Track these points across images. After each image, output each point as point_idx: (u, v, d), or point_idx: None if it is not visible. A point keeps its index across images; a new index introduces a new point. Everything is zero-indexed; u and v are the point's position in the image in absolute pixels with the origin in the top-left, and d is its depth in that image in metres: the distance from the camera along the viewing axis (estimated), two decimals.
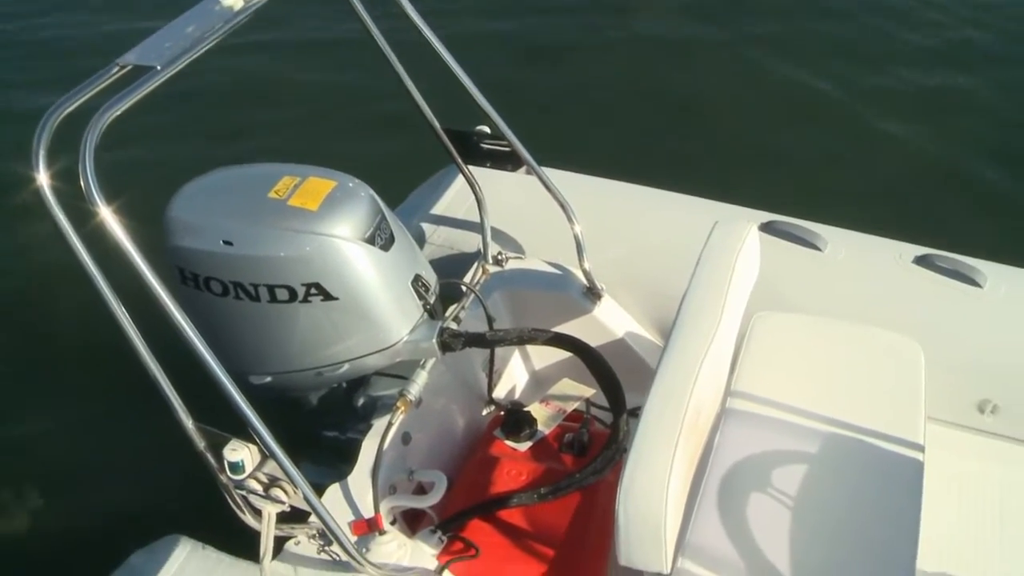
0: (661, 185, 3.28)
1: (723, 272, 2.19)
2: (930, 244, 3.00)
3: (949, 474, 2.73)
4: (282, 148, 5.24)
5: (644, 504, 1.75)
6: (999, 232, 4.59)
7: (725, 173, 4.92)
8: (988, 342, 2.77)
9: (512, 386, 3.06)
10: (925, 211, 4.81)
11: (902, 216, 4.69)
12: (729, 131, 5.42)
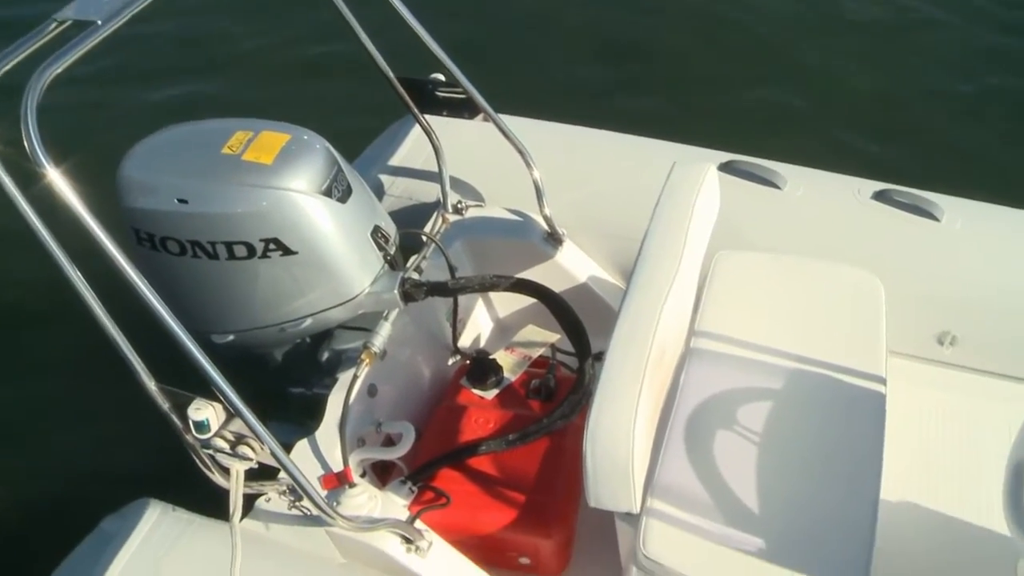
0: (620, 129, 3.26)
1: (683, 213, 2.19)
2: (888, 179, 3.02)
3: (910, 406, 2.78)
4: (234, 104, 5.13)
5: (611, 445, 1.77)
6: (956, 166, 4.64)
7: (684, 115, 4.90)
8: (946, 275, 2.80)
9: (477, 334, 3.06)
10: (883, 147, 4.83)
11: (860, 152, 4.73)
12: (686, 73, 5.38)
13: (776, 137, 4.63)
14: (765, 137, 4.14)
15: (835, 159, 3.23)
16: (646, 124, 3.36)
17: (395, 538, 2.11)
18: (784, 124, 4.97)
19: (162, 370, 1.88)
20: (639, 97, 5.15)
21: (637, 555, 1.99)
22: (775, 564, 1.96)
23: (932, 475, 2.72)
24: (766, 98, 5.21)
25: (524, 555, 2.42)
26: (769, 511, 2.05)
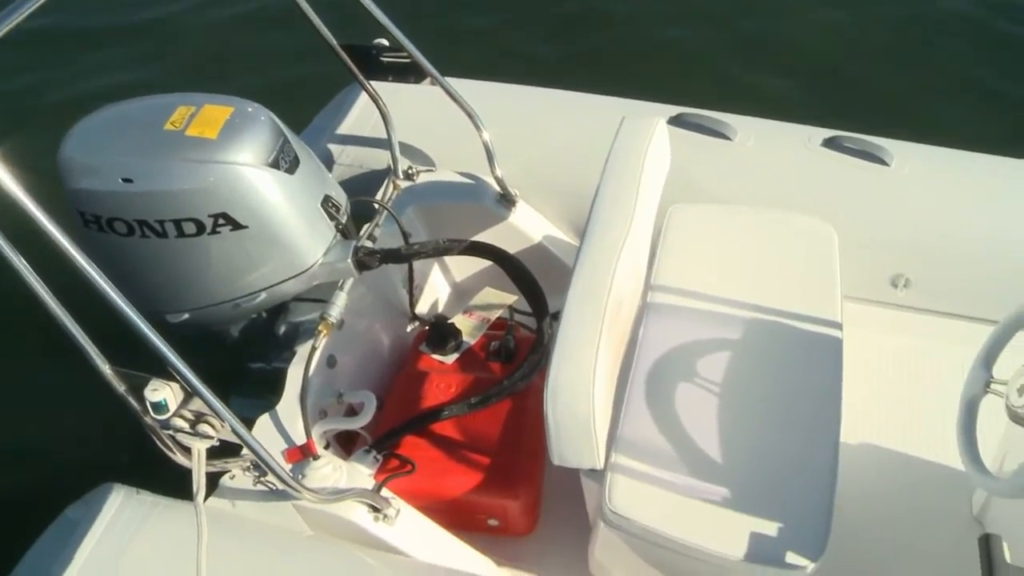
0: (568, 87, 3.25)
1: (633, 167, 2.19)
2: (838, 126, 3.04)
3: (867, 349, 2.82)
4: (174, 79, 5.05)
5: (571, 403, 1.77)
6: (905, 110, 4.68)
7: (633, 70, 4.89)
8: (898, 218, 2.84)
9: (434, 300, 3.06)
10: (832, 94, 4.86)
11: (809, 101, 4.75)
12: (634, 29, 5.37)
13: (726, 89, 4.65)
14: (715, 90, 4.16)
15: (785, 109, 3.24)
16: (596, 81, 3.35)
17: (362, 507, 2.11)
18: (734, 77, 4.98)
19: (117, 353, 1.85)
20: (588, 54, 5.13)
21: (604, 510, 2.01)
22: (740, 512, 1.99)
23: (889, 416, 2.77)
24: (716, 52, 5.21)
25: (492, 517, 2.43)
26: (732, 460, 2.08)
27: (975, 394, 2.05)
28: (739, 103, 3.21)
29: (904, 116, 4.46)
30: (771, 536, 1.95)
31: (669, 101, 3.10)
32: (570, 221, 2.93)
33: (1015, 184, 2.92)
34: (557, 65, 4.87)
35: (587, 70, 4.75)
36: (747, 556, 1.92)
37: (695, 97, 3.20)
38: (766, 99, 4.49)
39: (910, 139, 3.04)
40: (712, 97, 3.28)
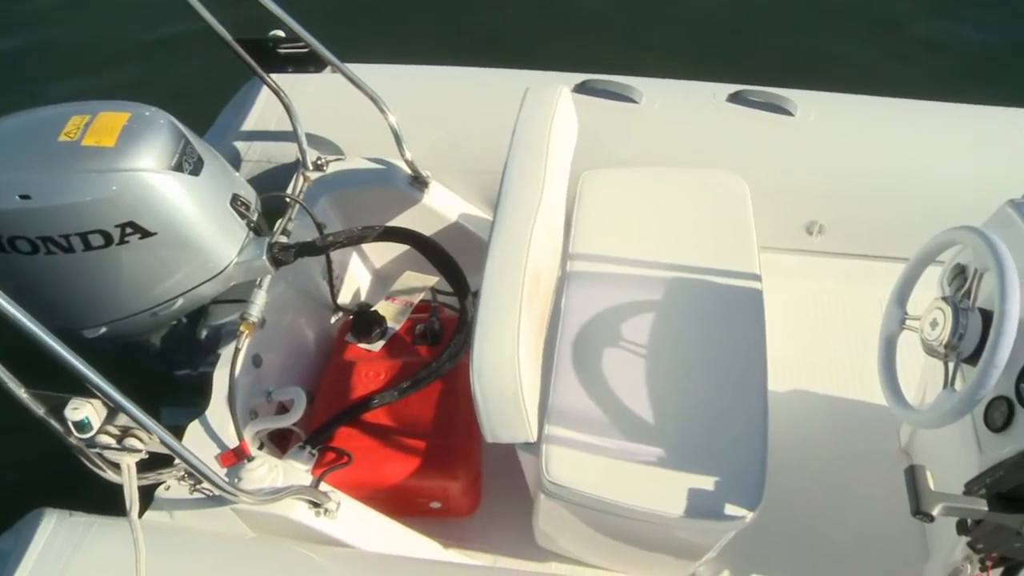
0: (472, 63, 3.24)
1: (540, 137, 2.19)
2: (743, 81, 3.07)
3: (787, 297, 2.88)
4: (65, 88, 4.87)
5: (497, 379, 1.77)
6: (808, 59, 4.74)
7: (535, 41, 4.88)
8: (807, 167, 2.89)
9: (356, 289, 3.04)
10: (734, 49, 4.91)
11: (713, 57, 4.79)
12: None
13: (631, 53, 4.66)
14: (620, 55, 4.18)
15: (690, 68, 3.26)
16: (499, 55, 3.34)
17: (302, 504, 2.10)
18: (637, 40, 4.99)
19: (34, 375, 1.80)
20: (489, 29, 5.09)
21: (542, 482, 2.02)
22: (676, 470, 2.02)
23: (814, 361, 2.84)
24: (617, 16, 5.21)
25: (434, 500, 2.44)
26: (665, 419, 2.10)
27: (892, 331, 2.10)
28: (645, 66, 3.23)
29: (807, 66, 4.51)
30: (709, 491, 1.98)
31: (574, 69, 3.11)
32: (485, 197, 2.93)
33: (918, 125, 2.99)
34: (459, 42, 4.83)
35: (490, 45, 4.73)
36: (686, 512, 1.95)
37: (601, 63, 3.21)
38: (671, 59, 4.50)
39: (814, 88, 3.09)
40: (618, 62, 3.29)
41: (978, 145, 2.93)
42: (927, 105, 3.07)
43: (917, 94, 3.11)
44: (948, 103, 3.09)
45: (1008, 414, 1.84)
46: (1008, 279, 1.72)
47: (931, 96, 3.10)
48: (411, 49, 3.44)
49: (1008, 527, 1.82)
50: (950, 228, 1.97)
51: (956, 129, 2.98)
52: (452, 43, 4.67)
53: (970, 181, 2.82)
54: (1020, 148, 2.51)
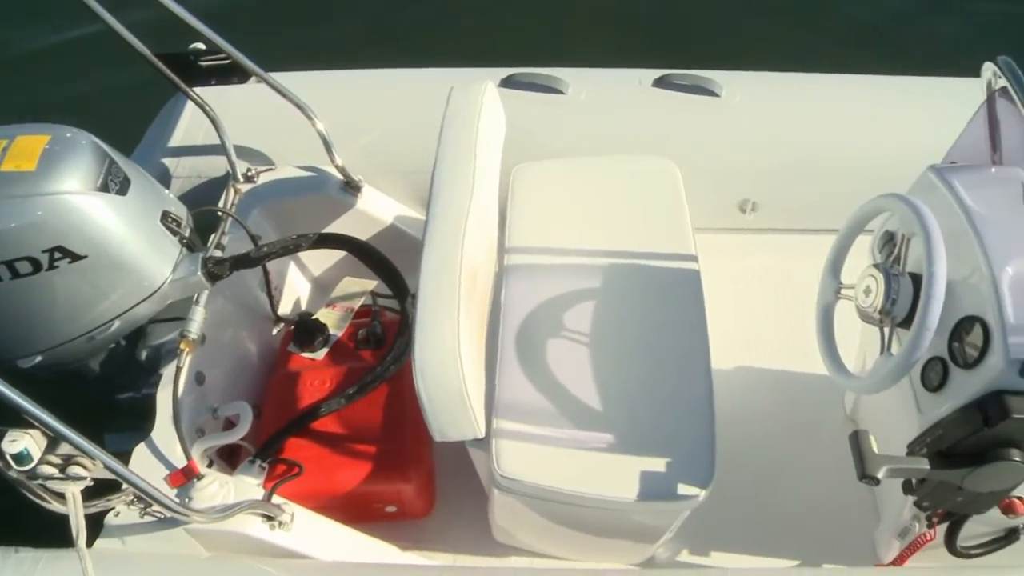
0: (398, 64, 3.22)
1: (467, 135, 2.19)
2: (666, 65, 3.10)
3: (724, 275, 2.91)
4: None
5: (440, 377, 1.78)
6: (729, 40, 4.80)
7: (460, 39, 4.86)
8: (736, 146, 2.93)
9: (296, 298, 3.01)
10: (657, 35, 4.94)
11: (637, 44, 4.82)
12: None
13: (555, 45, 4.67)
14: (545, 47, 4.18)
15: (614, 56, 3.28)
16: (425, 56, 3.32)
17: (255, 519, 2.08)
18: (561, 31, 5.01)
19: None
20: (413, 29, 5.08)
21: (494, 477, 2.03)
22: (626, 454, 2.03)
23: (755, 336, 2.88)
24: (542, 9, 5.22)
25: (389, 504, 2.43)
26: (611, 405, 2.12)
27: (828, 302, 2.14)
28: (570, 56, 3.24)
29: (731, 46, 4.58)
30: (660, 472, 2.00)
31: (499, 64, 3.11)
32: (418, 198, 2.93)
33: (841, 98, 3.05)
34: (384, 45, 4.82)
35: (415, 45, 4.72)
36: (640, 495, 1.97)
37: (527, 57, 3.21)
38: (596, 49, 4.54)
39: (739, 68, 3.13)
40: (543, 54, 3.29)
41: (900, 114, 2.99)
42: (850, 78, 3.12)
43: (840, 69, 3.17)
44: (870, 76, 3.15)
45: (943, 374, 1.89)
46: (934, 242, 1.76)
47: (853, 69, 3.16)
48: (336, 54, 3.41)
49: (950, 483, 1.87)
50: (876, 197, 2.01)
51: (878, 100, 3.05)
52: (377, 46, 4.66)
53: (894, 150, 2.87)
54: (939, 115, 2.55)
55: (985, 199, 1.96)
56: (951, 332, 1.88)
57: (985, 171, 2.07)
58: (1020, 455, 1.77)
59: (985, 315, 1.80)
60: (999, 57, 1.96)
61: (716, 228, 3.03)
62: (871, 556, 2.46)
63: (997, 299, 1.78)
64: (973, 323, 1.83)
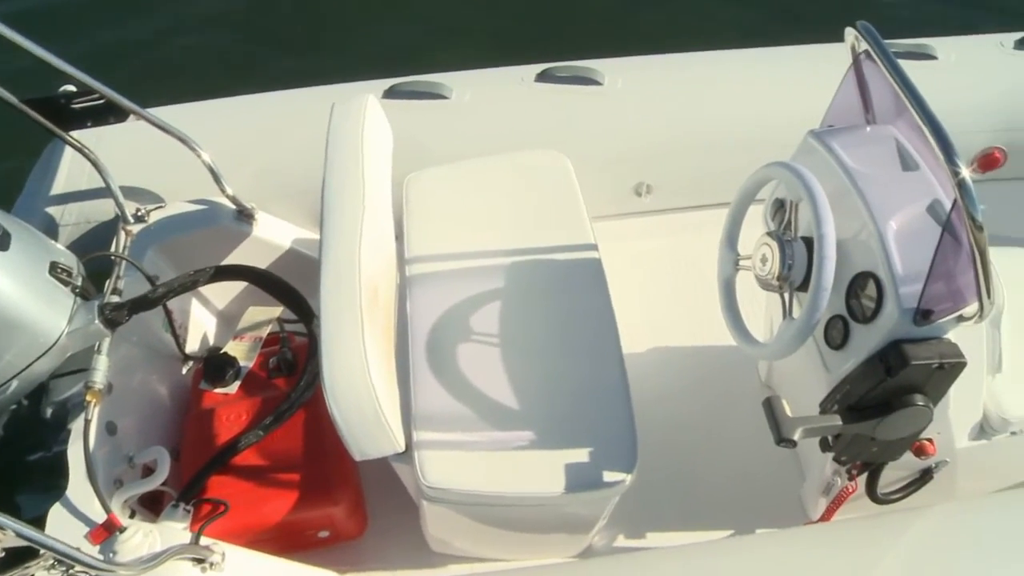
0: (279, 87, 3.19)
1: (353, 150, 2.17)
2: (547, 59, 3.12)
3: (626, 261, 2.95)
4: None
5: (352, 396, 1.76)
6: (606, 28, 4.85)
7: (338, 56, 4.84)
8: (623, 132, 2.97)
9: (202, 334, 2.95)
10: (535, 29, 4.98)
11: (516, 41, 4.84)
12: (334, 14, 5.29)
13: (436, 52, 4.67)
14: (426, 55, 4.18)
15: (494, 55, 3.28)
16: (305, 73, 3.29)
17: (185, 563, 2.03)
18: (440, 38, 5.01)
19: None
20: (291, 52, 5.02)
21: (422, 488, 2.02)
22: (549, 449, 2.04)
23: (663, 315, 2.92)
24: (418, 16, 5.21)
25: (321, 529, 2.41)
26: (529, 402, 2.13)
27: (728, 274, 2.18)
28: (450, 61, 3.24)
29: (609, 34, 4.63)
30: (584, 462, 2.02)
31: (381, 75, 3.10)
32: (315, 219, 2.85)
33: (722, 73, 3.11)
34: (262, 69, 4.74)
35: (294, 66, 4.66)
36: (567, 488, 1.98)
37: (408, 66, 3.20)
38: (475, 50, 4.55)
39: (619, 55, 3.17)
40: (424, 62, 3.29)
41: (779, 84, 3.07)
42: (726, 54, 3.19)
43: (716, 45, 3.23)
44: (745, 49, 3.22)
45: (844, 331, 1.94)
46: (819, 205, 1.81)
47: (728, 45, 3.22)
48: (214, 83, 3.36)
49: (863, 435, 1.92)
50: (761, 167, 2.05)
51: (756, 72, 3.12)
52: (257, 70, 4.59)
53: (777, 118, 2.94)
54: (815, 81, 2.61)
55: (864, 158, 2.02)
56: (847, 289, 1.94)
57: (861, 131, 2.13)
58: (923, 399, 1.84)
59: (876, 270, 1.86)
60: (858, 22, 2.02)
61: (614, 214, 3.07)
62: (801, 516, 2.52)
63: (885, 253, 1.84)
64: (866, 279, 1.89)
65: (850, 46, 2.09)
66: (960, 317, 1.83)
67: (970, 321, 1.83)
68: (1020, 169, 3.09)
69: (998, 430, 2.17)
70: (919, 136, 1.78)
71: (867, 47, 1.98)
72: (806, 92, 2.75)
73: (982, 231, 1.64)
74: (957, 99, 3.02)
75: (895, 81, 1.84)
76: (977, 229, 1.64)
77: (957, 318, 1.83)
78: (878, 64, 1.91)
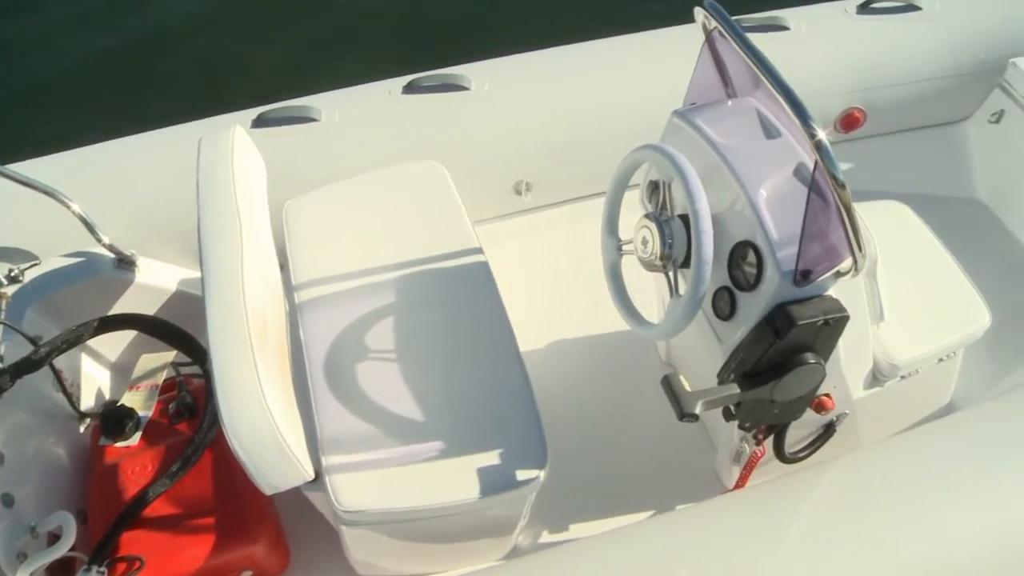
0: (147, 127, 3.11)
1: (224, 183, 2.14)
2: (413, 71, 3.11)
3: (515, 260, 2.97)
4: None
5: (253, 432, 1.73)
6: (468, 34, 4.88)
7: (205, 90, 4.76)
8: (496, 132, 2.99)
9: (96, 389, 2.87)
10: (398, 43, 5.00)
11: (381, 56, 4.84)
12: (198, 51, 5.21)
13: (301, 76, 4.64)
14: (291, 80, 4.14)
15: (360, 73, 3.27)
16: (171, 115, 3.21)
17: None
18: (302, 61, 4.98)
19: None
20: (158, 90, 4.93)
21: (337, 514, 2.00)
22: (460, 455, 2.05)
23: (557, 309, 2.95)
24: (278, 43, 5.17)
25: (244, 569, 2.36)
26: (433, 413, 2.13)
27: (613, 260, 2.21)
28: (316, 83, 3.21)
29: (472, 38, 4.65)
30: (496, 465, 2.02)
31: (248, 106, 3.05)
32: (196, 257, 2.84)
33: (585, 65, 3.15)
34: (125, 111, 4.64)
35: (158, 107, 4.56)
36: (482, 492, 1.98)
37: (274, 93, 3.16)
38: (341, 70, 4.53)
39: (484, 58, 3.18)
40: (290, 87, 3.25)
41: (643, 69, 3.12)
42: (589, 45, 3.23)
43: (577, 37, 3.26)
44: (606, 39, 3.26)
45: (731, 301, 1.99)
46: (690, 182, 1.85)
47: (588, 36, 3.26)
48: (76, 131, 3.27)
49: (762, 400, 1.97)
50: (631, 151, 2.09)
51: (620, 60, 3.17)
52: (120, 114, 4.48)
53: (644, 102, 3.00)
54: (676, 63, 2.67)
55: (728, 131, 2.07)
56: (728, 260, 1.98)
57: (723, 106, 2.18)
58: (814, 356, 1.89)
59: (754, 238, 1.91)
60: (706, 1, 2.07)
61: (497, 216, 3.09)
62: (719, 487, 2.57)
63: (759, 221, 1.89)
64: (746, 247, 1.93)
65: (701, 25, 2.14)
66: (837, 273, 1.88)
67: (847, 276, 1.89)
68: (881, 126, 3.24)
69: (889, 376, 2.25)
70: (777, 105, 1.83)
71: (717, 25, 2.03)
72: (669, 74, 2.80)
73: (845, 188, 1.69)
74: (813, 65, 3.13)
75: (746, 55, 1.89)
76: (840, 187, 1.69)
77: (835, 274, 1.88)
78: (729, 40, 1.97)
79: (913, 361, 2.23)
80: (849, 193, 1.71)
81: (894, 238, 2.43)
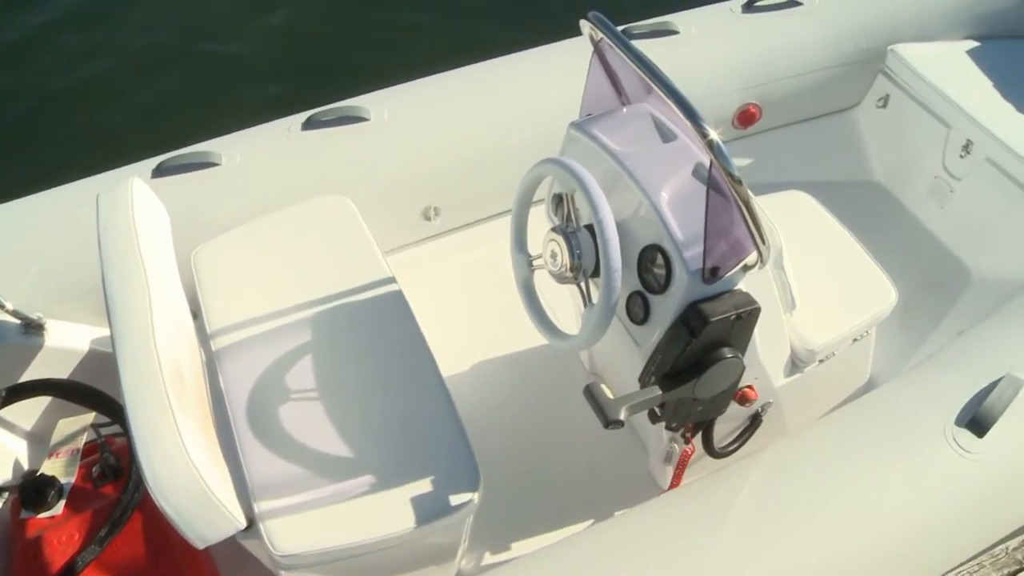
0: (43, 188, 3.03)
1: (126, 238, 2.10)
2: (313, 106, 3.10)
3: (429, 286, 2.98)
4: None
5: (177, 485, 1.70)
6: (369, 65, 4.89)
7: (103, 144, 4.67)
8: (399, 161, 2.99)
9: (12, 461, 2.78)
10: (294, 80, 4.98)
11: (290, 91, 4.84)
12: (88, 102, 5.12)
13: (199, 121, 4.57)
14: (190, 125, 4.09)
15: (257, 114, 3.24)
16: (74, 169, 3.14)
17: None
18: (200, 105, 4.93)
19: None
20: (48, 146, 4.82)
21: (275, 560, 1.97)
22: (392, 487, 2.03)
23: (476, 330, 2.96)
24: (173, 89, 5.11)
25: None
26: (361, 447, 2.11)
27: (525, 276, 2.23)
28: (215, 127, 3.17)
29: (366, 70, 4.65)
30: (429, 492, 2.02)
31: (145, 156, 3.00)
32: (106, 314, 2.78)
33: (482, 84, 3.18)
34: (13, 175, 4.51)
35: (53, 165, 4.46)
36: (418, 521, 1.97)
37: (172, 141, 3.11)
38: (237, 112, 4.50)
39: (383, 86, 3.18)
40: (189, 133, 3.20)
41: (539, 84, 3.16)
42: (482, 66, 3.26)
43: (475, 58, 3.28)
44: (500, 57, 3.29)
45: (644, 305, 2.02)
46: (591, 192, 1.87)
47: (481, 56, 3.29)
48: None
49: (685, 399, 1.99)
50: (531, 167, 2.11)
51: (515, 77, 3.20)
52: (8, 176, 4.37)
53: (543, 117, 3.04)
54: (572, 75, 2.70)
55: (625, 138, 2.10)
56: (637, 265, 2.01)
57: (618, 114, 2.22)
58: (731, 351, 1.93)
59: (660, 241, 1.94)
60: (590, 13, 2.10)
61: (408, 243, 3.09)
62: (654, 488, 2.59)
63: (664, 223, 1.92)
64: (653, 251, 1.96)
65: (588, 36, 2.17)
66: (744, 267, 1.92)
67: (754, 268, 1.93)
68: (777, 119, 3.32)
69: (807, 361, 2.30)
70: (670, 108, 1.87)
71: (603, 36, 2.06)
72: (565, 87, 2.84)
73: (741, 184, 1.73)
74: (705, 66, 3.20)
75: (633, 62, 1.92)
76: (736, 183, 1.73)
77: (742, 268, 1.92)
78: (616, 50, 2.00)
79: (828, 344, 2.29)
80: (746, 188, 1.75)
81: (798, 227, 2.49)
